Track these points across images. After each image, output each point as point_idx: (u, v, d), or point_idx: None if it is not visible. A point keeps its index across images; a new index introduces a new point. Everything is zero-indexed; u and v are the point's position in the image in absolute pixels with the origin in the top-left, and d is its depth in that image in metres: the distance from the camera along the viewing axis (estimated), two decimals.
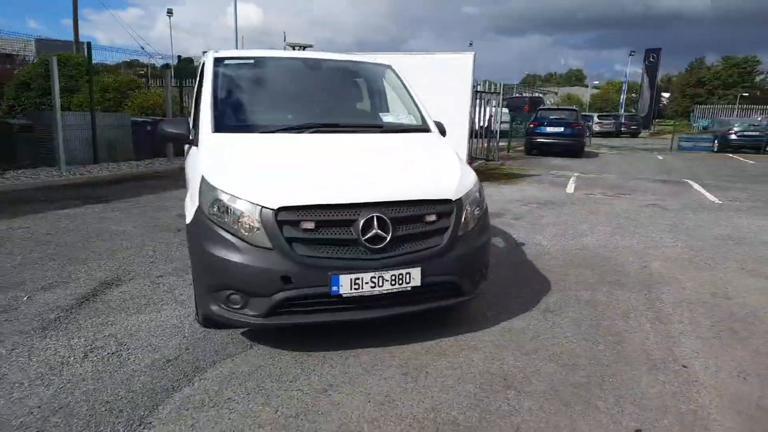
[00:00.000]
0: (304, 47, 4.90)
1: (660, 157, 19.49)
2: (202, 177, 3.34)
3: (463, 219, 3.42)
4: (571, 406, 2.80)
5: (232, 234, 3.10)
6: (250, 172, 3.32)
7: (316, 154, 3.64)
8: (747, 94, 60.06)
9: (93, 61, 13.58)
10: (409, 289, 3.22)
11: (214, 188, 3.22)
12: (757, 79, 70.25)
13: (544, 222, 7.41)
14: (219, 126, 3.77)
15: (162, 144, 13.12)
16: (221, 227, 3.13)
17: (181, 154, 14.48)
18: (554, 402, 2.83)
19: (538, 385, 3.00)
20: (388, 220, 3.15)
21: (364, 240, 3.10)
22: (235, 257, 3.07)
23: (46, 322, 3.76)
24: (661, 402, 2.85)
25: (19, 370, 3.09)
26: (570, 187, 11.01)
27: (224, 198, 3.16)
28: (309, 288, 3.08)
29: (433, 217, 3.32)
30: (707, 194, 10.46)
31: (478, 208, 3.57)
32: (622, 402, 2.84)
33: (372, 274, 3.11)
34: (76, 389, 2.89)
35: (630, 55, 51.63)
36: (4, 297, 4.20)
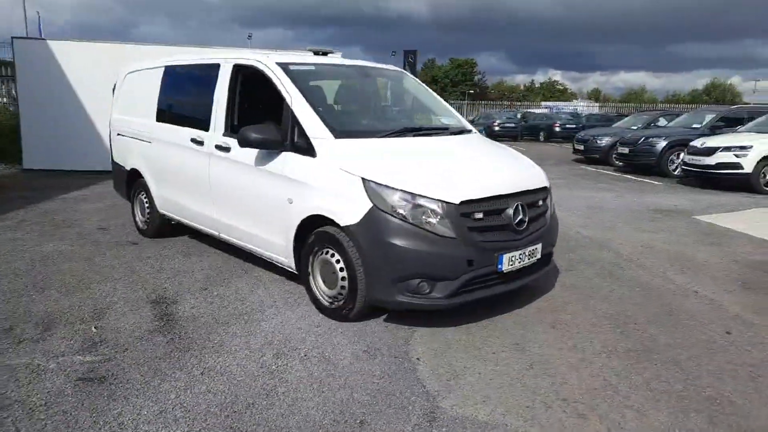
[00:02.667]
0: (326, 53, 5.12)
1: None
2: (365, 179, 3.59)
3: (551, 202, 4.31)
4: (677, 326, 3.92)
5: (420, 227, 3.49)
6: (411, 172, 3.68)
7: (437, 154, 4.13)
8: (472, 92, 71.23)
9: None
10: (535, 261, 4.00)
11: (392, 188, 3.52)
12: (476, 78, 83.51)
13: None
14: (336, 132, 3.96)
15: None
16: (407, 222, 3.48)
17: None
18: (665, 324, 3.93)
19: (641, 317, 4.07)
20: (525, 206, 3.88)
21: (514, 224, 3.78)
22: (426, 248, 3.47)
23: (172, 345, 3.54)
24: (719, 314, 4.17)
25: (246, 387, 3.03)
26: None
27: (406, 197, 3.51)
28: (484, 268, 3.64)
29: (540, 202, 4.14)
30: None
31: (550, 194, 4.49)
32: (697, 316, 4.09)
33: (520, 251, 3.82)
34: (335, 389, 3.02)
35: (392, 54, 56.68)
36: (62, 332, 3.71)
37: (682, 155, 12.81)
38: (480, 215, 3.63)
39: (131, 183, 6.35)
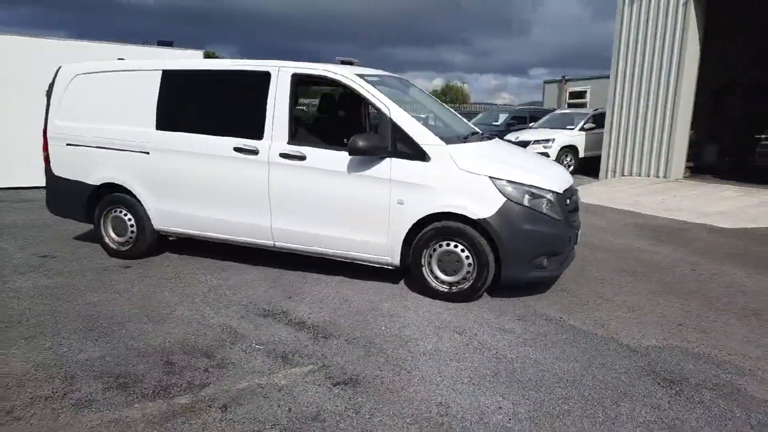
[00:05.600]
0: (351, 63, 5.46)
1: None
2: (493, 177, 4.29)
3: None
4: (664, 271, 5.49)
5: (543, 214, 4.35)
6: (520, 169, 4.47)
7: (512, 155, 4.97)
8: None
9: None
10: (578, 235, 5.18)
11: (517, 183, 4.30)
12: None
13: None
14: (443, 139, 4.51)
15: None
16: (534, 210, 4.31)
17: None
18: (657, 270, 5.45)
19: (638, 269, 5.54)
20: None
21: (573, 209, 4.89)
22: (549, 230, 4.36)
23: (356, 343, 3.77)
24: (671, 259, 5.89)
25: (485, 359, 3.54)
26: None
27: (530, 189, 4.32)
28: (573, 242, 4.68)
29: None
30: None
31: None
32: (664, 263, 5.75)
33: (580, 229, 4.94)
34: (545, 347, 3.73)
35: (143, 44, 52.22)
36: (235, 354, 3.63)
37: None
38: (567, 201, 4.63)
39: (96, 200, 5.64)
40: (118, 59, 6.20)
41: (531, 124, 15.56)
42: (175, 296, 4.61)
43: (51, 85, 5.78)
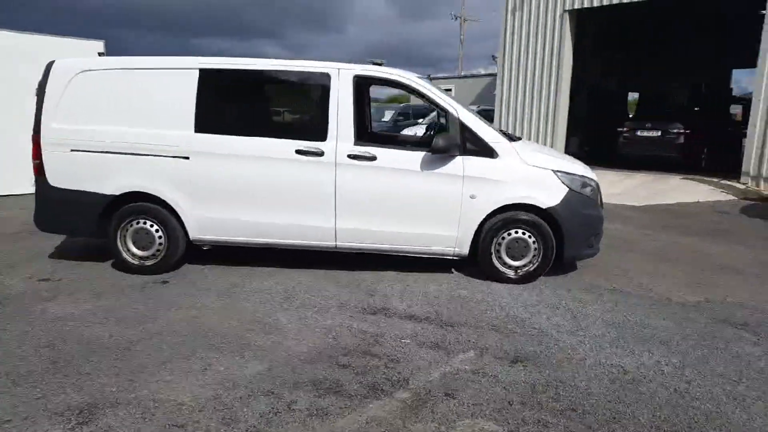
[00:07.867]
0: (380, 63, 5.67)
1: None
2: (555, 171, 4.94)
3: None
4: (638, 242, 6.64)
5: (591, 199, 5.11)
6: (568, 162, 5.17)
7: (548, 150, 5.65)
8: None
9: None
10: None
11: (573, 175, 5.01)
12: None
13: None
14: (508, 139, 5.02)
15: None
16: (586, 196, 5.05)
17: None
18: (631, 243, 6.59)
19: (622, 246, 6.63)
20: None
21: None
22: (597, 213, 5.15)
23: (489, 331, 4.18)
24: (630, 236, 7.09)
25: (605, 325, 4.17)
26: None
27: (582, 179, 5.06)
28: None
29: None
30: None
31: None
32: (632, 238, 6.92)
33: None
34: (625, 309, 4.46)
35: None
36: (387, 348, 3.83)
37: None
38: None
39: (111, 212, 5.15)
40: (99, 53, 5.71)
41: (419, 121, 16.56)
42: (259, 306, 4.49)
43: (42, 84, 5.07)
